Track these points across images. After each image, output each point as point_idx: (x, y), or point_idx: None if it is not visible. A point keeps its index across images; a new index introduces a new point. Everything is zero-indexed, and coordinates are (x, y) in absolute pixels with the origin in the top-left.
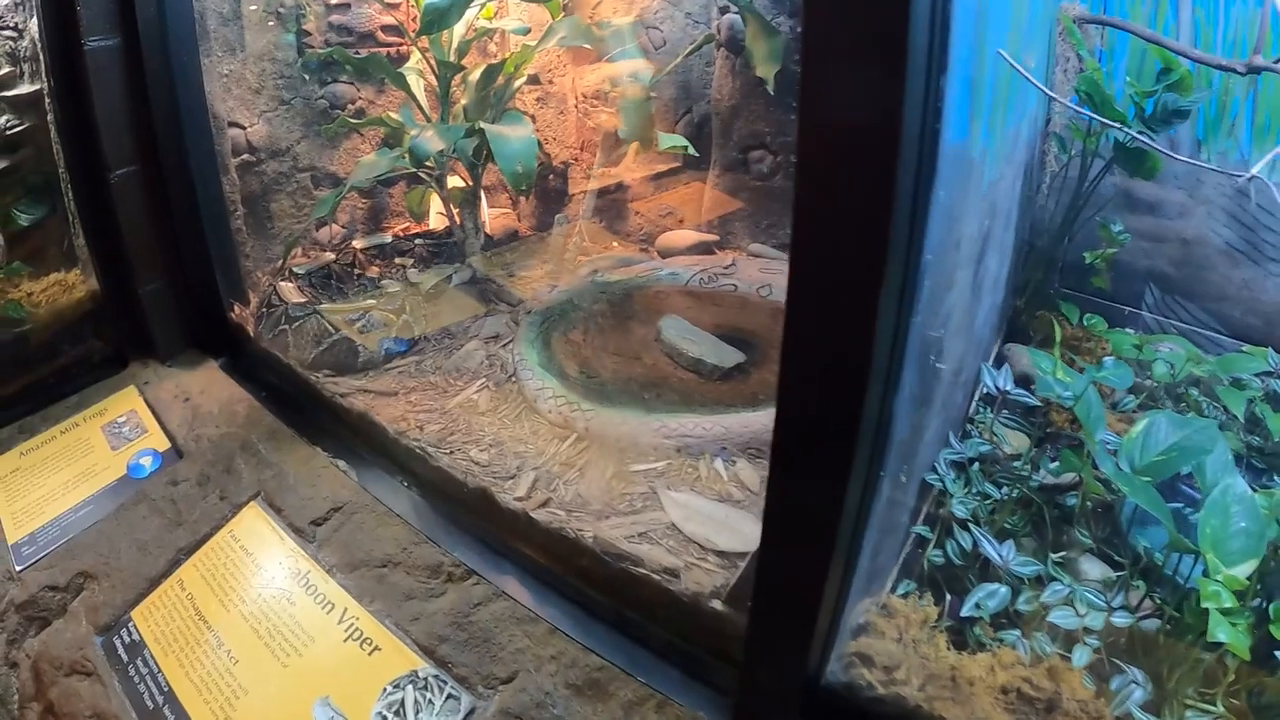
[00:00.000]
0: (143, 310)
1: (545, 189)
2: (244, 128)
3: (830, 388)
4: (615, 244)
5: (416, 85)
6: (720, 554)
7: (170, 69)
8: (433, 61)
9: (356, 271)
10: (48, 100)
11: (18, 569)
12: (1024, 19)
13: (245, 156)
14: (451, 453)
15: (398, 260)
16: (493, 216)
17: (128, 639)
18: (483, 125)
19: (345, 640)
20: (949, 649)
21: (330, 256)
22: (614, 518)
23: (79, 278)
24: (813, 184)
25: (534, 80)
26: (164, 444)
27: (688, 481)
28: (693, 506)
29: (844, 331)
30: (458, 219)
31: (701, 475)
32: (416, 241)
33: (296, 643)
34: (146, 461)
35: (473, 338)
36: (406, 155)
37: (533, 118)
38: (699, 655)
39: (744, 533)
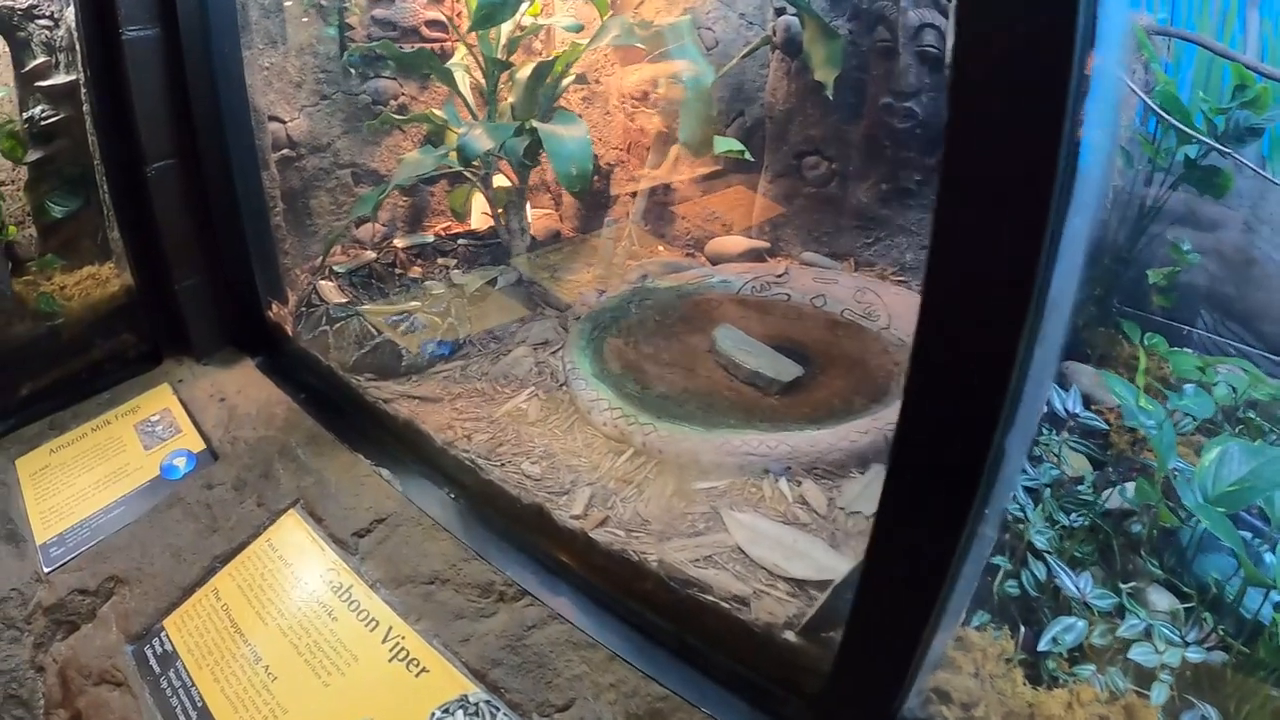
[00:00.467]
0: (178, 306)
1: (589, 191)
2: (284, 122)
3: (959, 431)
4: (661, 248)
5: (462, 82)
6: (791, 581)
7: (211, 61)
8: (480, 58)
9: (398, 271)
10: (84, 91)
11: (46, 570)
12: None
13: (285, 152)
14: (503, 465)
15: (440, 261)
16: (535, 218)
17: (160, 649)
18: (536, 124)
19: (390, 660)
20: (1025, 684)
21: (371, 255)
22: (676, 539)
23: (113, 271)
24: (958, 209)
25: (581, 80)
26: (199, 445)
27: (751, 502)
28: (759, 529)
29: (980, 374)
30: (502, 220)
31: (766, 496)
32: (459, 242)
33: (339, 660)
34: (180, 463)
35: (520, 343)
36: (453, 153)
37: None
38: (767, 687)
39: (816, 559)
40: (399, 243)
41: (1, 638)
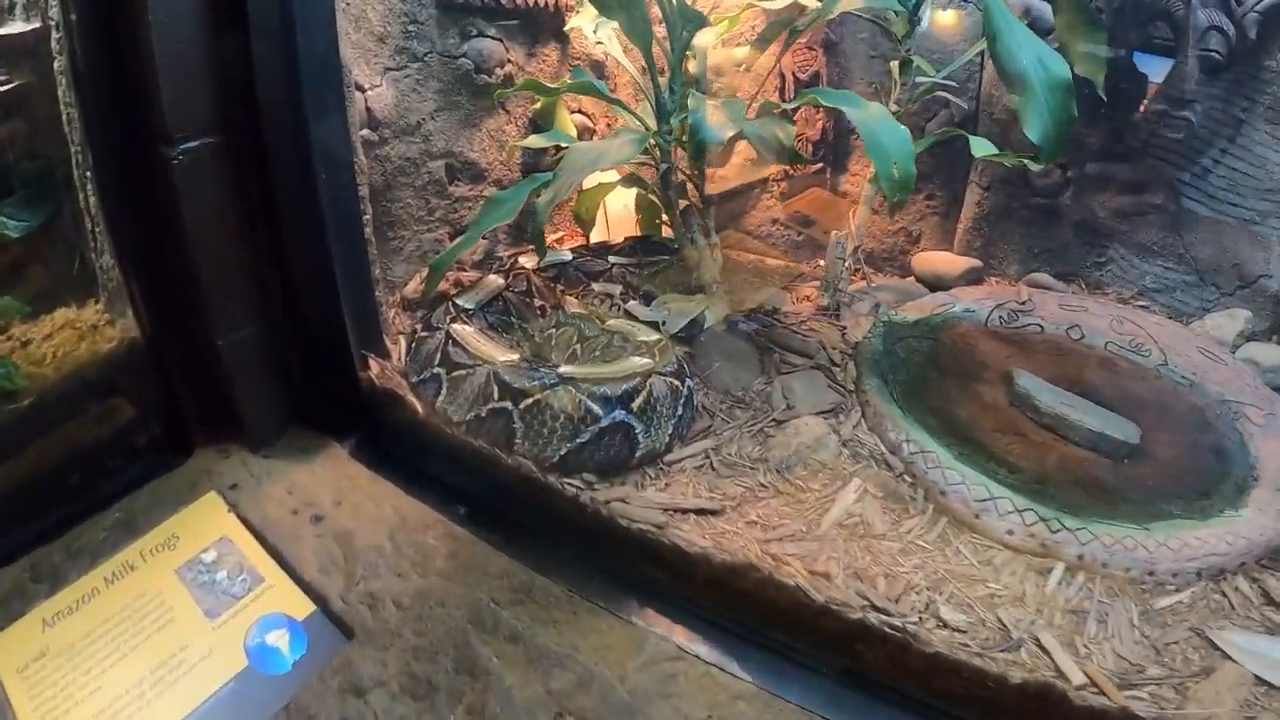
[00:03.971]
0: (221, 369)
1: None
2: (364, 90)
3: None
4: (821, 262)
5: (613, 47)
6: None
7: None
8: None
9: (537, 303)
10: (55, 41)
11: None
12: None
13: (364, 133)
14: (906, 615)
15: (597, 287)
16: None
17: None
18: (837, 105)
19: None
20: None
21: (498, 282)
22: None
23: (101, 315)
24: None
25: None
26: (302, 605)
27: (1221, 614)
28: (1268, 652)
29: None
30: (685, 232)
31: (1234, 603)
32: (610, 260)
33: None
34: (280, 642)
35: (789, 408)
36: (654, 141)
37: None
38: None
39: None
40: (526, 262)
41: None
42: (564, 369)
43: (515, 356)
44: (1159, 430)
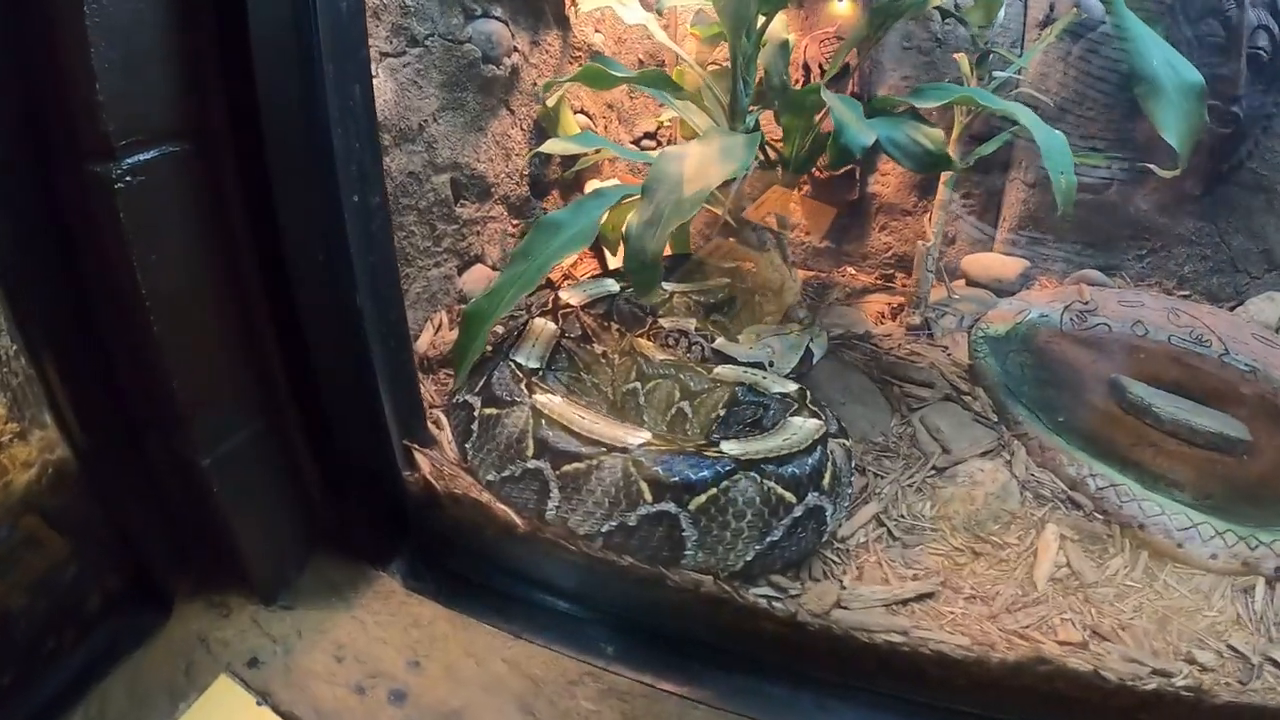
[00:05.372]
0: (210, 496)
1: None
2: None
3: None
4: (851, 270)
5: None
6: None
7: None
8: None
9: (598, 349)
10: None
11: None
12: None
13: None
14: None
15: (666, 324)
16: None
17: None
18: (1001, 109)
19: None
20: None
21: (550, 328)
22: None
23: (9, 424)
24: None
25: None
26: None
27: None
28: None
29: None
30: (762, 246)
31: None
32: (665, 288)
33: None
34: None
35: (945, 452)
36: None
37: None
38: None
39: None
40: (573, 299)
41: None
42: (729, 448)
43: (648, 436)
44: (1250, 422)
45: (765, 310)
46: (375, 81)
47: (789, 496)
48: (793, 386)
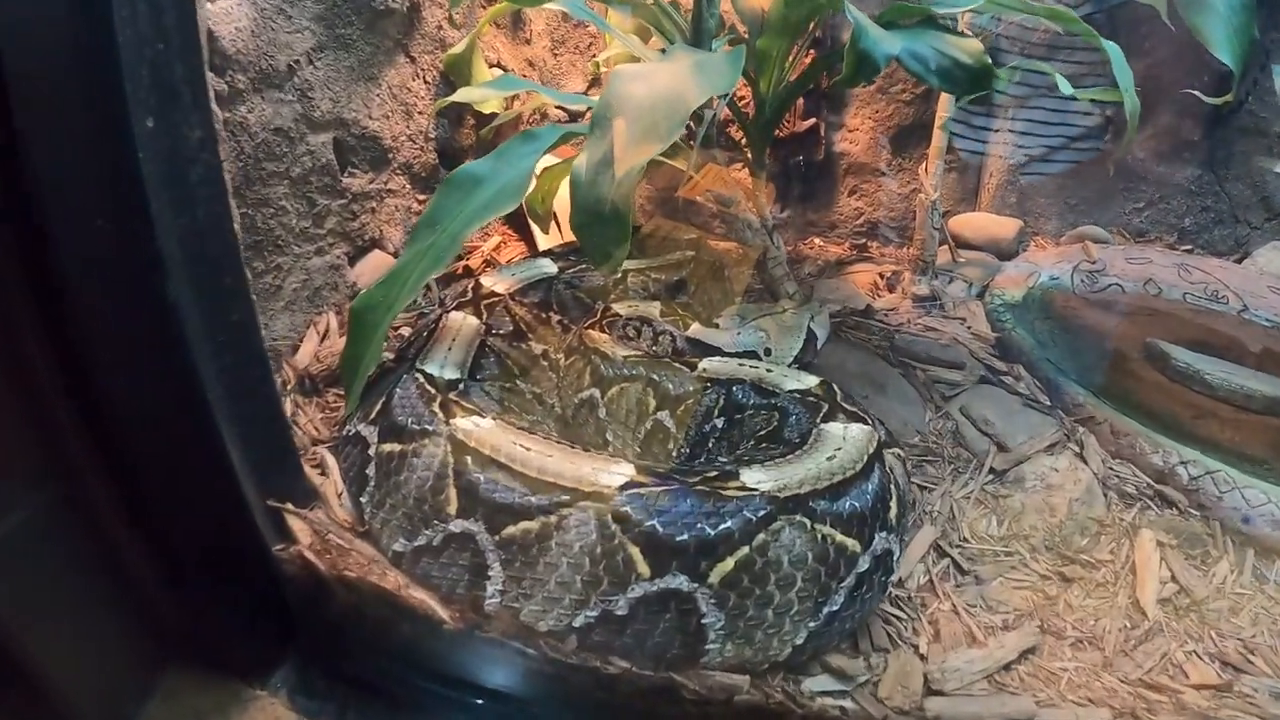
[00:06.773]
0: None
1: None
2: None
3: None
4: (818, 242)
5: None
6: None
7: None
8: None
9: (537, 348)
10: None
11: None
12: None
13: (211, 82)
14: None
15: (622, 311)
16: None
17: None
18: (1074, 29)
19: None
20: None
21: (472, 323)
22: None
23: None
24: None
25: None
26: None
27: None
28: None
29: None
30: (746, 212)
31: None
32: (626, 267)
33: None
34: None
35: (1001, 449)
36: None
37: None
38: None
39: None
40: (499, 285)
41: None
42: (754, 478)
43: (630, 470)
44: None
45: (736, 286)
46: (225, 3)
47: (851, 545)
48: (811, 379)
